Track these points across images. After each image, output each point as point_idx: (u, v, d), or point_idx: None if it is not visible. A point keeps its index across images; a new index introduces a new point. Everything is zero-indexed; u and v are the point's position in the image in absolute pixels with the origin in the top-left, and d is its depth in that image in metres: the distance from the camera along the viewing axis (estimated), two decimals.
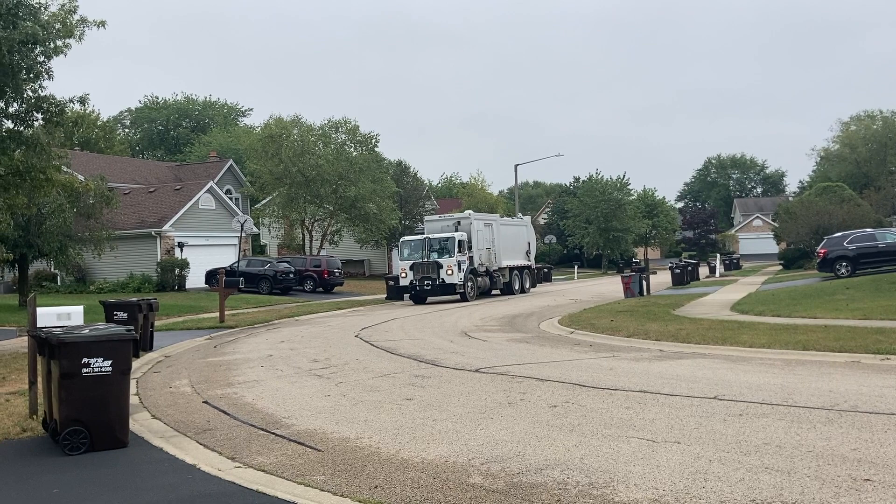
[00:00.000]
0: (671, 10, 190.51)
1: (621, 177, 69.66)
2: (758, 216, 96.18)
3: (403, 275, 31.53)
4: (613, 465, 6.18)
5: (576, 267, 63.83)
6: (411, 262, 31.33)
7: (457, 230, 32.19)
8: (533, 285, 38.86)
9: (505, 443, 7.08)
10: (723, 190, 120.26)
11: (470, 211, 35.96)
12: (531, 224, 40.30)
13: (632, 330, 16.04)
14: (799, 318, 16.50)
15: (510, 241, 36.23)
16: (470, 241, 32.18)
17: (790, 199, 75.76)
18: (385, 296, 35.20)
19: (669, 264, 41.38)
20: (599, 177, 70.56)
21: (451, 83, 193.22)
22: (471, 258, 32.03)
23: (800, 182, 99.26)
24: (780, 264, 51.95)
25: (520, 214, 44.94)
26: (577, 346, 14.62)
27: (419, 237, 32.80)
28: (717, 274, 47.37)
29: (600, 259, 72.20)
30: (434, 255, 31.15)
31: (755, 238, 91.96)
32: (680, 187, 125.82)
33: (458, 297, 31.36)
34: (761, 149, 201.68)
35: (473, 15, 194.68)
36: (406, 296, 32.16)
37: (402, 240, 34.11)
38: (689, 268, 39.08)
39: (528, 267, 38.07)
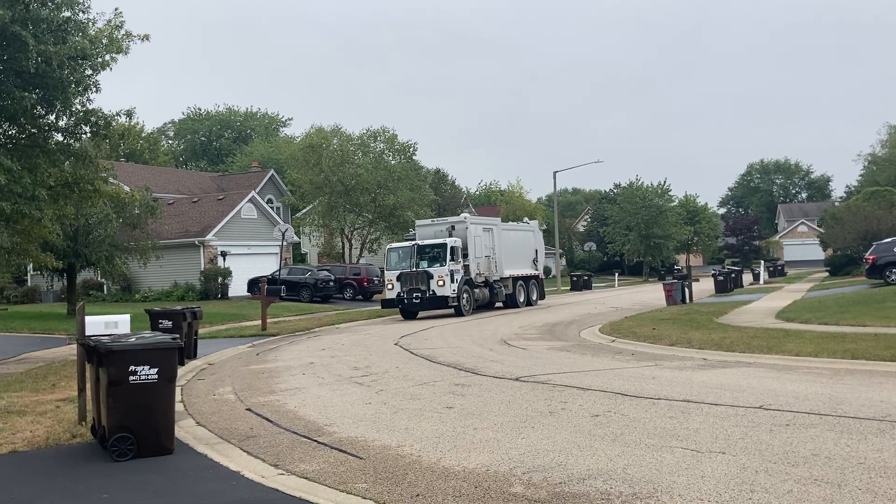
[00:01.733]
0: (713, 10, 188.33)
1: (662, 183, 69.05)
2: (803, 222, 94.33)
3: (390, 286, 28.11)
4: (657, 475, 6.11)
5: (616, 274, 63.30)
6: (398, 271, 27.96)
7: (450, 236, 28.56)
8: (541, 297, 34.92)
9: (547, 452, 7.03)
10: (766, 195, 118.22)
11: (466, 214, 32.71)
12: (538, 230, 36.62)
13: (674, 338, 15.83)
14: (847, 326, 16.11)
15: (514, 248, 32.72)
16: (465, 248, 28.71)
17: (836, 204, 74.16)
18: None
19: (712, 271, 40.76)
20: (640, 183, 69.95)
21: (489, 89, 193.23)
22: (466, 267, 28.49)
23: (846, 187, 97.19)
24: (827, 271, 50.88)
25: (526, 219, 41.58)
26: (618, 354, 14.48)
27: (407, 244, 29.39)
28: (762, 281, 46.53)
29: (641, 266, 71.47)
30: (424, 264, 27.76)
31: (800, 244, 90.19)
32: (722, 193, 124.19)
33: (451, 310, 27.83)
34: (806, 153, 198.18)
35: (510, 19, 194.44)
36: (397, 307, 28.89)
37: (388, 247, 30.66)
38: (733, 275, 38.48)
39: (536, 277, 34.29)
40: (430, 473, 6.55)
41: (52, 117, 15.60)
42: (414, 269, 27.61)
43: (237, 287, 38.24)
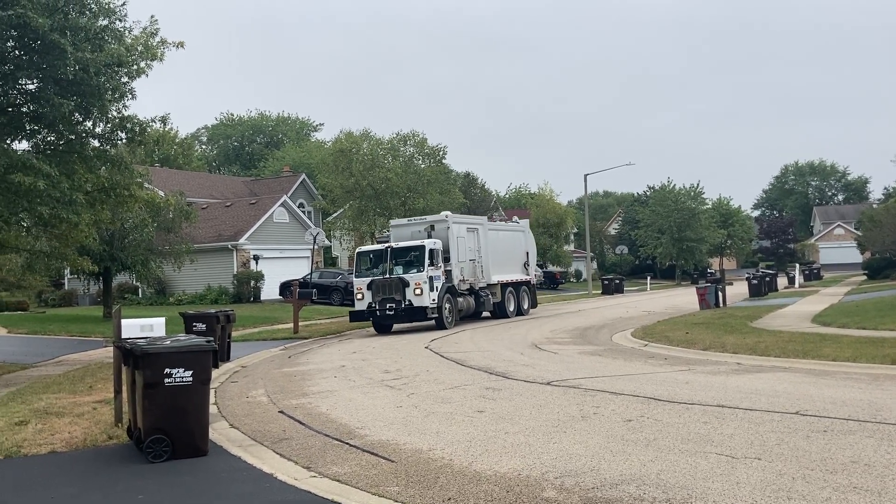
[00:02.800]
0: (746, 10, 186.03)
1: (695, 185, 68.29)
2: (839, 224, 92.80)
3: (360, 295, 24.23)
4: (691, 481, 6.04)
5: (648, 278, 62.80)
6: (369, 278, 24.15)
7: (430, 237, 25.03)
8: (533, 305, 31.10)
9: (579, 457, 6.99)
10: (801, 198, 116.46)
11: (448, 213, 27.94)
12: (529, 230, 32.83)
13: (708, 342, 15.65)
14: (887, 330, 15.79)
15: (503, 251, 28.94)
16: (447, 251, 25.10)
17: (875, 206, 72.80)
18: None
19: (746, 275, 40.26)
20: (672, 185, 69.32)
21: (519, 90, 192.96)
22: (448, 273, 24.88)
23: (885, 188, 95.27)
24: (864, 274, 49.99)
25: (515, 218, 37.26)
26: (651, 358, 14.35)
27: (380, 247, 25.71)
28: (797, 284, 45.86)
29: (673, 270, 70.78)
30: (399, 270, 24.06)
31: (836, 247, 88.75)
32: (756, 195, 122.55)
33: (431, 322, 24.30)
34: (842, 154, 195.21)
35: (538, 19, 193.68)
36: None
37: (357, 250, 26.31)
38: (767, 278, 37.95)
39: (527, 283, 30.49)
40: (461, 477, 6.55)
41: (89, 124, 15.84)
42: (387, 276, 23.91)
43: (269, 290, 38.60)
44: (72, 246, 18.33)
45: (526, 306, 29.89)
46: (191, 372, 7.79)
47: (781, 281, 46.71)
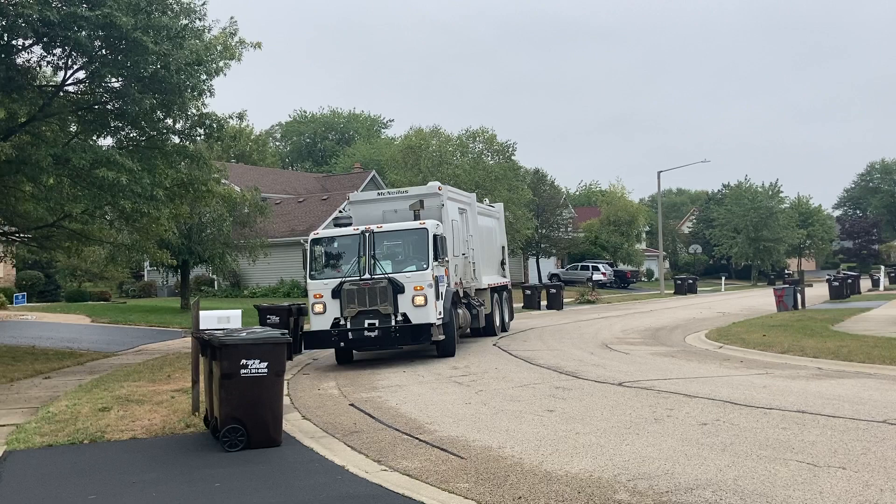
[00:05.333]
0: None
1: (773, 183, 66.22)
2: None
3: (319, 308, 15.35)
4: (770, 488, 5.84)
5: (723, 278, 61.21)
6: (334, 280, 15.32)
7: (416, 218, 16.46)
8: (511, 316, 23.59)
9: (652, 460, 6.84)
10: (887, 197, 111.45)
11: (436, 182, 18.79)
12: (503, 216, 24.77)
13: (786, 346, 15.14)
14: None
15: (486, 243, 21.46)
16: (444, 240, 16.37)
17: None
18: (521, 305, 34.89)
19: (827, 276, 38.87)
20: (749, 184, 67.40)
21: (592, 84, 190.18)
22: (446, 272, 16.44)
23: None
24: None
25: (487, 200, 27.58)
26: (726, 361, 13.97)
27: (349, 231, 15.90)
28: (882, 287, 43.95)
29: (749, 270, 68.87)
30: (385, 266, 15.41)
31: None
32: (838, 194, 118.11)
33: (425, 346, 16.57)
34: None
35: (623, 10, 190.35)
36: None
37: (313, 236, 16.49)
38: (849, 280, 36.53)
39: (506, 288, 22.82)
40: (532, 476, 6.49)
41: (170, 121, 16.35)
42: (367, 277, 15.18)
43: None
44: (152, 239, 18.97)
45: (507, 318, 22.66)
46: (266, 364, 7.94)
47: (865, 283, 44.91)
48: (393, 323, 14.87)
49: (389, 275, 15.19)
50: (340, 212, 17.27)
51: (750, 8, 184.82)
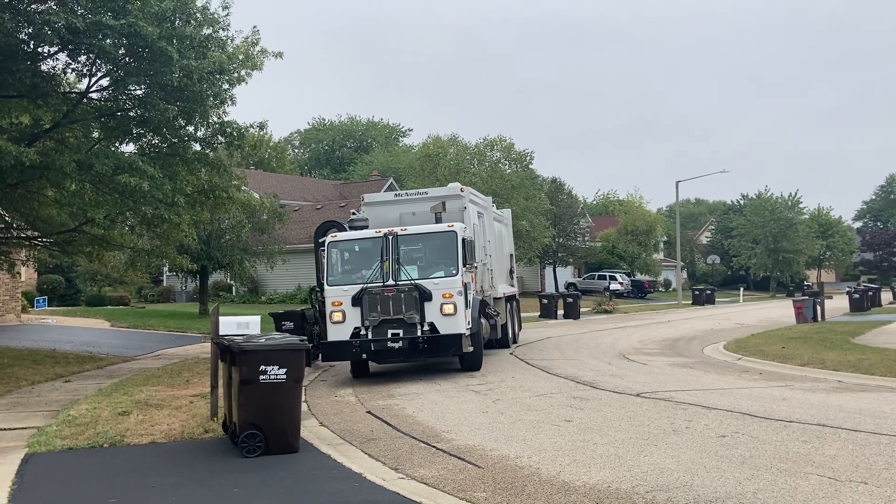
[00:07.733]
0: (862, 4, 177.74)
1: (793, 194, 65.77)
2: None
3: (339, 316, 14.26)
4: (791, 502, 5.79)
5: (741, 289, 60.82)
6: (358, 287, 14.19)
7: (438, 221, 15.54)
8: (520, 327, 22.55)
9: (670, 471, 6.81)
10: None
11: (457, 184, 18.60)
12: (511, 222, 24.20)
13: (806, 358, 15.02)
14: None
15: (499, 248, 20.54)
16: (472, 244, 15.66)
17: None
18: (538, 314, 34.84)
19: (847, 288, 38.46)
20: (768, 194, 66.98)
21: (609, 88, 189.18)
22: (473, 279, 15.54)
23: None
24: None
25: (494, 206, 22.20)
26: (744, 373, 13.87)
27: (371, 234, 14.98)
28: None
29: (768, 281, 68.29)
30: (409, 272, 14.32)
31: None
32: (856, 206, 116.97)
33: (447, 359, 15.75)
34: None
35: (644, 12, 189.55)
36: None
37: (330, 239, 15.22)
38: (870, 292, 36.14)
39: (515, 297, 21.91)
40: (549, 486, 6.48)
41: (191, 128, 16.51)
42: (391, 284, 14.15)
43: None
44: (172, 245, 19.15)
45: (518, 329, 21.75)
46: (285, 370, 7.98)
47: (886, 296, 44.44)
48: (419, 333, 13.85)
49: (416, 280, 14.07)
50: (354, 213, 16.46)
51: (772, 16, 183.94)
